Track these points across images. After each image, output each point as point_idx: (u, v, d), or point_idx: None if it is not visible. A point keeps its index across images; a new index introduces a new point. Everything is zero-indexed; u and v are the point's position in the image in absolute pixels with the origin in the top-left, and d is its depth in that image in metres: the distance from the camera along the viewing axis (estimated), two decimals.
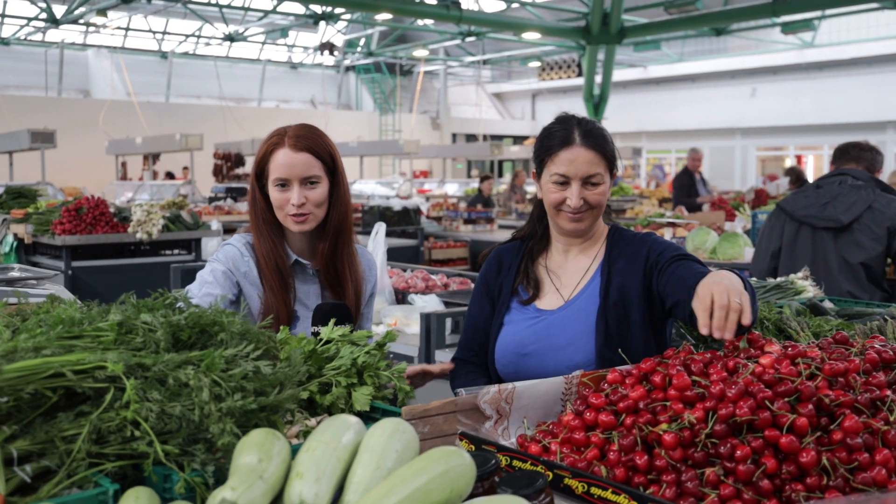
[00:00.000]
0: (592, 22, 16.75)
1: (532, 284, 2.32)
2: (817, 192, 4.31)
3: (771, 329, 2.27)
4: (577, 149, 2.17)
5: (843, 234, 4.14)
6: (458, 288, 4.42)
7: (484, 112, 30.40)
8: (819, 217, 4.18)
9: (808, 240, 4.22)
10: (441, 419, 1.61)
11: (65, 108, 21.58)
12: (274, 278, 2.35)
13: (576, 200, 2.17)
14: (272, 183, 2.32)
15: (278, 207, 2.33)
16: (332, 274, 2.42)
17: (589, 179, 2.17)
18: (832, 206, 4.18)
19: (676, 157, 27.41)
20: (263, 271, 2.35)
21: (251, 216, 2.43)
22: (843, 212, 4.12)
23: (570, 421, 1.56)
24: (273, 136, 2.35)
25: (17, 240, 7.11)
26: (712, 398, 1.45)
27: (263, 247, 2.36)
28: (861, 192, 4.16)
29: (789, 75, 24.15)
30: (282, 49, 26.35)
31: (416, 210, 10.48)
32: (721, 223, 7.26)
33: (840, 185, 4.25)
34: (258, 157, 2.35)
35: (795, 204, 4.33)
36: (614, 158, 2.24)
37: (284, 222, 2.34)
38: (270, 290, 2.34)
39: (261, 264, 2.36)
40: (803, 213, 4.24)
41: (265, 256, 2.36)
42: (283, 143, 2.32)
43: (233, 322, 1.53)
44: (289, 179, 2.30)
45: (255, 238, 2.40)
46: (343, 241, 2.42)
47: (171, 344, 1.47)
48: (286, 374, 1.49)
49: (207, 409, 1.33)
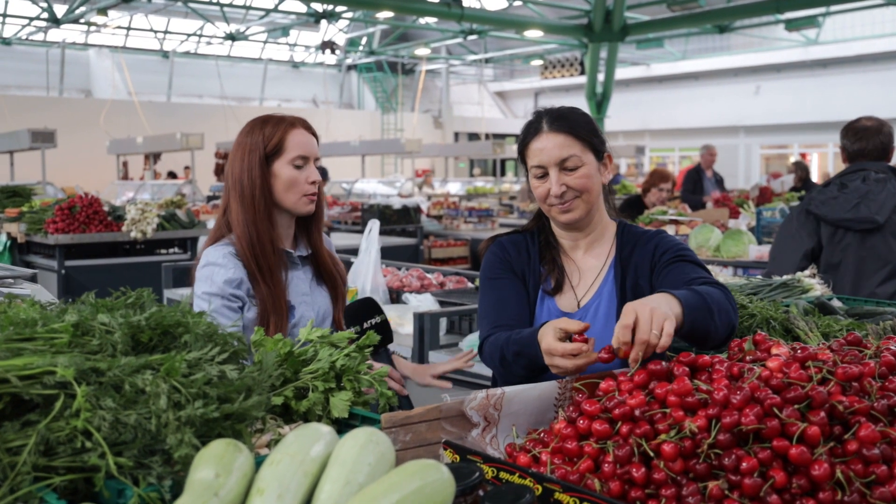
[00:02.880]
0: (595, 19, 16.64)
1: (556, 274, 2.18)
2: (844, 191, 4.14)
3: (778, 329, 2.16)
4: (545, 136, 2.09)
5: (877, 233, 4.00)
6: (455, 287, 4.31)
7: (486, 111, 30.28)
8: (854, 220, 4.04)
9: (846, 243, 4.07)
10: (424, 427, 1.50)
11: (66, 107, 21.51)
12: (273, 273, 2.34)
13: (556, 187, 2.07)
14: (290, 162, 2.35)
15: (291, 187, 2.35)
16: (321, 257, 2.47)
17: (564, 164, 2.07)
18: (864, 205, 4.03)
19: (680, 155, 27.28)
20: (259, 269, 2.31)
21: (244, 207, 2.35)
22: (877, 211, 3.98)
23: (562, 429, 1.45)
24: (282, 121, 2.39)
25: (11, 239, 7.01)
26: (715, 405, 1.34)
27: (263, 238, 2.33)
28: (888, 186, 4.01)
29: (793, 73, 24.01)
30: (283, 48, 26.28)
31: (416, 208, 10.37)
32: (725, 221, 7.13)
33: (864, 182, 4.09)
34: (272, 140, 2.35)
35: (825, 207, 4.15)
36: (593, 137, 2.11)
37: (295, 204, 2.37)
38: (268, 287, 2.31)
39: (254, 263, 2.31)
40: (837, 216, 4.09)
41: (263, 250, 2.33)
42: (296, 125, 2.40)
43: (198, 323, 1.42)
44: (308, 158, 2.37)
45: (248, 233, 2.33)
46: (322, 223, 2.51)
47: (129, 347, 1.36)
48: (255, 379, 1.38)
49: (165, 418, 1.22)
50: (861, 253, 4.02)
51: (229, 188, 2.41)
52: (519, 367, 1.92)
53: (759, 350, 1.56)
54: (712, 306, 1.80)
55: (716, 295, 1.85)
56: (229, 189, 2.41)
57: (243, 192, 2.35)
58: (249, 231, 2.33)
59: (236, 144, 2.41)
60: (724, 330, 1.83)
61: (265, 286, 2.30)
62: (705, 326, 1.78)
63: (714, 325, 1.80)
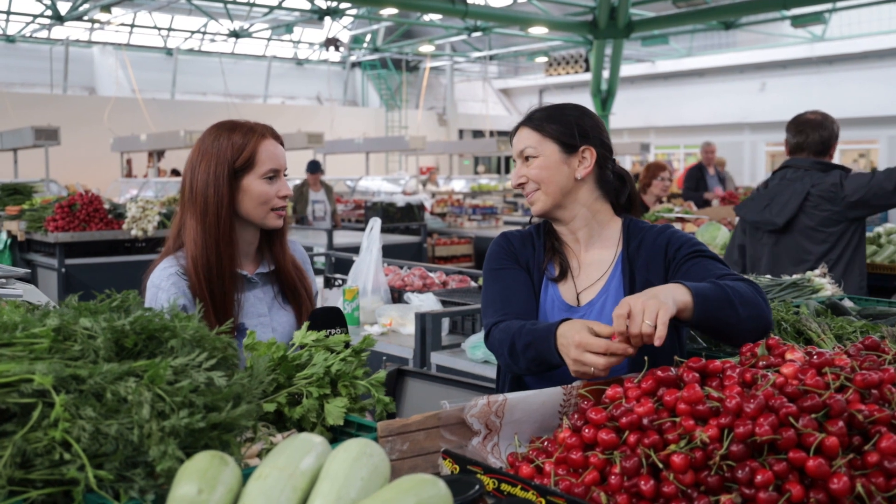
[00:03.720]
0: (600, 16, 16.54)
1: (559, 262, 2.16)
2: (762, 192, 4.22)
3: (789, 331, 2.09)
4: (518, 132, 2.18)
5: (787, 233, 4.04)
6: (458, 286, 4.23)
7: (491, 108, 30.17)
8: (760, 221, 4.12)
9: (763, 241, 4.16)
10: (422, 435, 1.44)
11: (70, 105, 21.46)
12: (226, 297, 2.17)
13: (513, 179, 2.15)
14: (261, 175, 2.18)
15: (262, 202, 2.18)
16: (285, 272, 2.32)
17: (523, 154, 2.13)
18: (769, 207, 4.09)
19: (685, 152, 27.16)
20: (210, 294, 2.14)
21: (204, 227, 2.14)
22: (778, 213, 4.02)
23: (567, 438, 1.38)
24: (252, 131, 2.20)
25: (11, 237, 6.96)
26: (728, 414, 1.28)
27: (222, 262, 2.15)
28: (796, 185, 4.02)
29: (799, 69, 23.86)
30: (287, 45, 26.19)
31: (420, 206, 10.30)
32: (732, 218, 7.04)
33: (781, 182, 4.13)
34: (242, 152, 2.16)
35: (744, 208, 4.30)
36: (562, 130, 2.09)
37: (264, 219, 2.21)
38: (215, 313, 2.14)
39: (205, 287, 2.13)
40: (752, 217, 4.17)
41: (219, 274, 2.15)
42: (266, 136, 2.22)
43: (186, 327, 1.36)
44: (279, 171, 2.22)
45: (205, 255, 2.14)
46: (286, 236, 2.37)
47: (113, 352, 1.30)
48: (244, 386, 1.32)
49: (148, 428, 1.16)
50: (775, 250, 4.11)
51: (186, 201, 2.20)
52: (526, 359, 1.87)
53: (773, 355, 1.49)
54: (733, 298, 1.76)
55: (741, 288, 1.81)
56: (186, 202, 2.20)
57: (206, 209, 2.14)
58: (207, 254, 2.14)
59: (199, 152, 2.19)
60: (751, 323, 1.77)
61: (213, 311, 2.14)
62: (725, 319, 1.74)
63: (737, 317, 1.75)
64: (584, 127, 2.11)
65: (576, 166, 2.10)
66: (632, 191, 2.19)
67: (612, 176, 2.17)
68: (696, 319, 1.71)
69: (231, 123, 2.23)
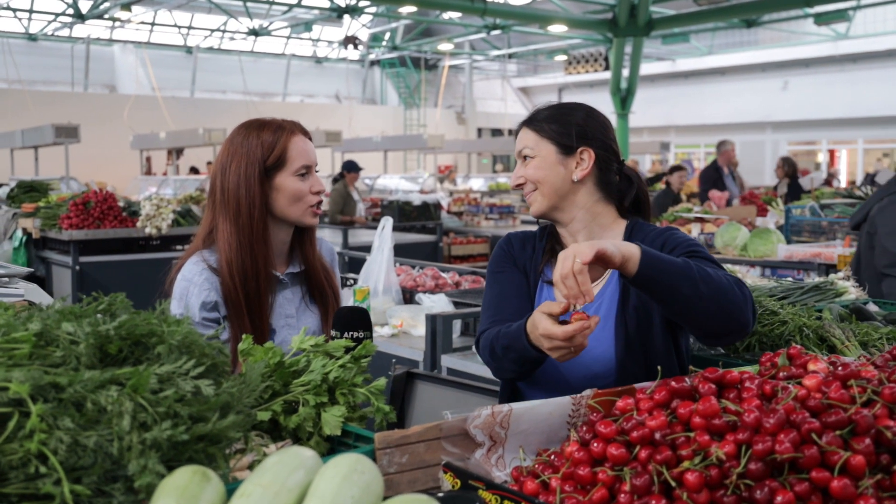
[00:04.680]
0: (619, 14, 16.39)
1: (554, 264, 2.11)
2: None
3: (812, 338, 2.00)
4: (519, 132, 2.16)
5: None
6: (470, 287, 4.15)
7: (509, 106, 30.05)
8: None
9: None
10: (422, 447, 1.37)
11: (90, 103, 21.58)
12: (261, 299, 2.12)
13: (512, 179, 2.13)
14: (294, 172, 2.13)
15: (296, 199, 2.13)
16: (314, 272, 2.27)
17: (521, 154, 2.11)
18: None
19: (706, 151, 26.91)
20: (245, 296, 2.09)
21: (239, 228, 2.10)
22: None
23: (574, 453, 1.30)
24: (281, 128, 2.15)
25: (26, 234, 6.96)
26: (746, 429, 1.20)
27: (257, 264, 2.10)
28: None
29: (822, 68, 23.57)
30: (306, 43, 26.22)
31: (437, 205, 10.23)
32: (752, 218, 6.94)
33: None
34: (273, 150, 2.11)
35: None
36: (559, 131, 2.06)
37: (301, 217, 2.16)
38: (250, 314, 2.10)
39: (241, 289, 2.09)
40: None
41: (256, 275, 2.10)
42: (295, 132, 2.17)
43: (174, 332, 1.29)
44: (311, 166, 2.18)
45: (240, 258, 2.09)
46: (314, 234, 2.31)
47: (97, 359, 1.24)
48: (234, 396, 1.25)
49: (128, 441, 1.09)
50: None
51: (217, 203, 2.14)
52: (508, 360, 1.88)
53: (794, 365, 1.41)
54: (696, 274, 1.72)
55: (714, 272, 1.76)
56: (217, 204, 2.15)
57: (239, 210, 2.10)
58: (242, 255, 2.09)
59: (228, 153, 2.13)
60: (713, 305, 1.73)
61: (247, 313, 2.10)
62: (678, 287, 1.70)
63: (695, 292, 1.71)
64: (584, 128, 2.06)
65: (573, 168, 2.05)
66: (640, 193, 2.11)
67: (619, 178, 2.10)
68: (642, 277, 1.69)
69: (259, 122, 2.18)
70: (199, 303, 2.10)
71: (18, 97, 20.01)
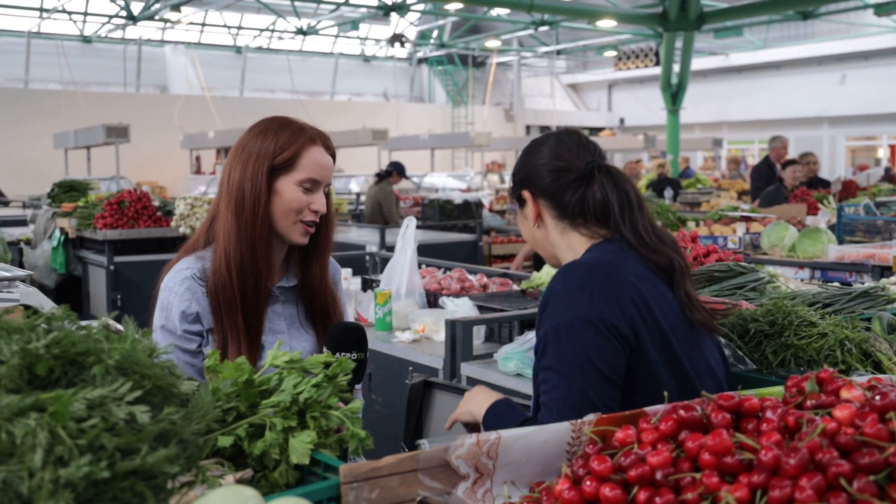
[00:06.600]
0: (670, 8, 16.03)
1: None
2: None
3: (854, 353, 1.79)
4: None
5: None
6: (498, 290, 3.96)
7: (558, 103, 29.74)
8: None
9: None
10: (396, 481, 1.21)
11: (142, 103, 21.90)
12: (258, 306, 1.97)
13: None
14: (298, 181, 1.96)
15: (293, 210, 1.96)
16: (316, 292, 2.10)
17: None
18: None
19: (759, 147, 26.28)
20: (242, 299, 1.94)
21: (239, 220, 1.95)
22: None
23: (564, 492, 1.14)
24: (301, 131, 2.00)
25: (64, 234, 6.97)
26: (762, 470, 1.02)
27: (258, 260, 1.95)
28: None
29: (882, 60, 22.81)
30: (354, 42, 26.26)
31: (478, 203, 10.05)
32: (802, 217, 6.63)
33: None
34: (284, 151, 1.96)
35: None
36: (511, 192, 1.99)
37: (287, 230, 1.98)
38: (245, 323, 1.95)
39: (238, 291, 1.94)
40: None
41: (255, 273, 1.95)
42: (317, 142, 2.01)
43: (114, 350, 1.15)
44: (319, 183, 2.00)
45: (239, 251, 1.94)
46: (328, 255, 2.13)
47: (24, 381, 1.11)
48: (177, 423, 1.11)
49: (38, 479, 0.96)
50: None
51: (223, 194, 2.01)
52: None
53: (825, 392, 1.22)
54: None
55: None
56: (222, 195, 2.01)
57: (243, 204, 1.95)
58: (242, 250, 1.94)
59: (242, 145, 2.01)
60: None
61: (241, 312, 1.94)
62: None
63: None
64: (519, 171, 1.94)
65: (529, 215, 1.92)
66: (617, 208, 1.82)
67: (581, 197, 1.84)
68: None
69: (282, 120, 2.04)
70: (178, 313, 1.96)
71: (72, 99, 20.38)
